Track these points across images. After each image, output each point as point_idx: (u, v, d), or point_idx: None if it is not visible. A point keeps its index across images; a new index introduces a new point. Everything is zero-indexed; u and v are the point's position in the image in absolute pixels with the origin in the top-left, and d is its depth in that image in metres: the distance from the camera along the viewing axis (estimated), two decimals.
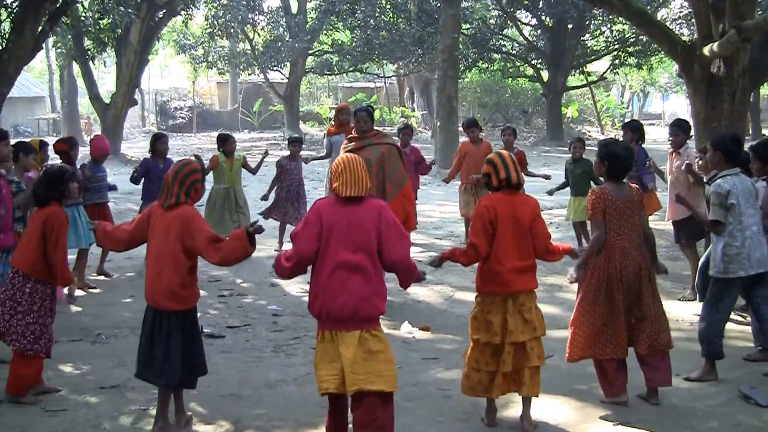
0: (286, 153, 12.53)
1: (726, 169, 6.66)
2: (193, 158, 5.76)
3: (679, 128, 9.38)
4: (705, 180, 8.13)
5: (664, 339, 6.05)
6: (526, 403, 5.70)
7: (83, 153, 13.10)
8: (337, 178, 5.14)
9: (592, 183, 10.86)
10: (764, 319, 6.90)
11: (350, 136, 9.12)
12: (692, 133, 10.24)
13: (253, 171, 12.29)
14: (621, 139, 9.98)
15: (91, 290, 10.10)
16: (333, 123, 12.54)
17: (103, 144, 10.67)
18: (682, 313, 8.74)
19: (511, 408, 6.06)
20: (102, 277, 10.76)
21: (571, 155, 11.66)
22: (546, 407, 6.06)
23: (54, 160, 9.32)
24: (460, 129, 18.36)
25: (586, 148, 11.75)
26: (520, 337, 5.57)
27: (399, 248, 5.17)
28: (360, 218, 5.07)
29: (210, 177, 11.19)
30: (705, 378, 6.64)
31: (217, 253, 5.38)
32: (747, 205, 6.57)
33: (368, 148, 8.72)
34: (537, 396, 5.72)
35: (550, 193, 12.03)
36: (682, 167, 9.03)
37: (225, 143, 11.78)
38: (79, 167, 9.88)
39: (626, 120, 19.80)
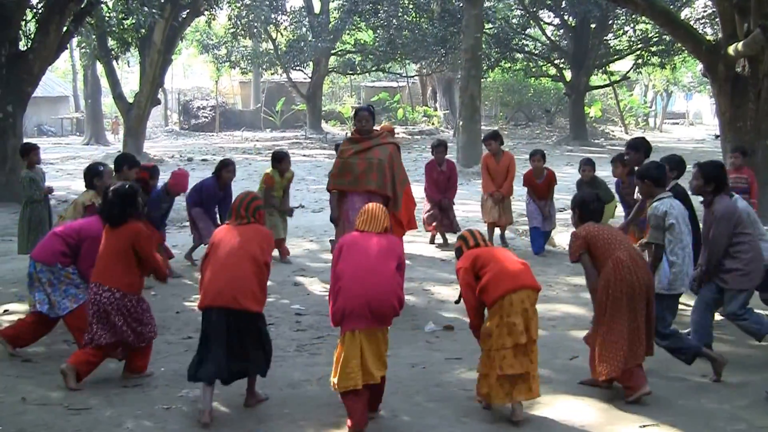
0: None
1: (658, 194, 6.85)
2: (252, 192, 6.31)
3: (630, 147, 8.79)
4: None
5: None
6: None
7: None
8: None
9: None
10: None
11: (352, 136, 9.04)
12: (718, 132, 10.05)
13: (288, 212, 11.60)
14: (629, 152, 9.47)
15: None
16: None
17: (183, 182, 10.33)
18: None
19: (535, 409, 6.03)
20: None
21: (581, 177, 11.28)
22: (571, 409, 6.04)
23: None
24: (484, 127, 18.38)
25: (611, 147, 11.69)
26: (534, 334, 5.73)
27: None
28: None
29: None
30: (718, 368, 6.60)
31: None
32: (684, 224, 6.77)
33: (377, 148, 8.72)
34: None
35: None
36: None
37: (281, 162, 11.13)
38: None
39: (649, 118, 19.88)
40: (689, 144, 35.61)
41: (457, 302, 6.19)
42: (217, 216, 10.90)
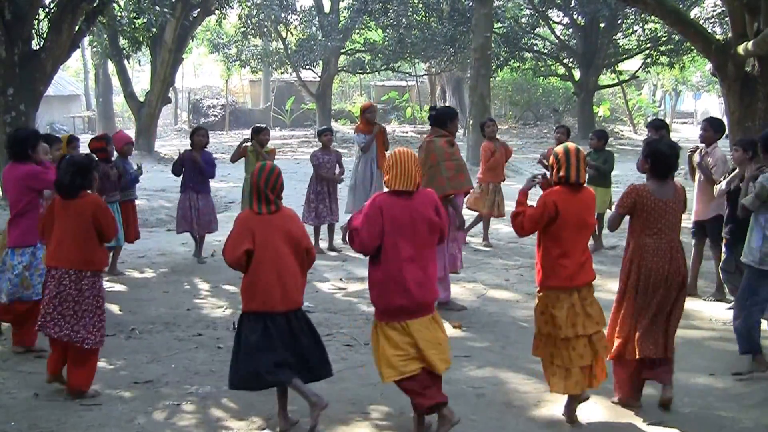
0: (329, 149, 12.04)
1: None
2: (270, 162, 5.88)
3: (710, 124, 9.22)
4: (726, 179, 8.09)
5: (673, 344, 6.06)
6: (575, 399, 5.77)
7: None
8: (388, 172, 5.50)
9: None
10: None
11: (448, 138, 8.72)
12: (727, 132, 10.09)
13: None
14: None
15: (120, 275, 10.31)
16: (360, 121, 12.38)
17: (123, 134, 10.81)
18: (715, 312, 8.69)
19: (542, 407, 6.05)
20: (135, 273, 10.84)
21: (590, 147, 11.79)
22: (578, 407, 5.99)
23: None
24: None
25: (619, 146, 11.75)
26: (587, 330, 5.62)
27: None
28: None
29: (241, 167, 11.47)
30: (756, 371, 6.58)
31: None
32: None
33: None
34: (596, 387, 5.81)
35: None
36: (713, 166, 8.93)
37: (259, 134, 11.40)
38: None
39: (649, 119, 19.91)
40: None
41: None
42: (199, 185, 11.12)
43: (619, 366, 6.06)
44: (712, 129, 9.12)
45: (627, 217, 6.04)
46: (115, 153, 10.12)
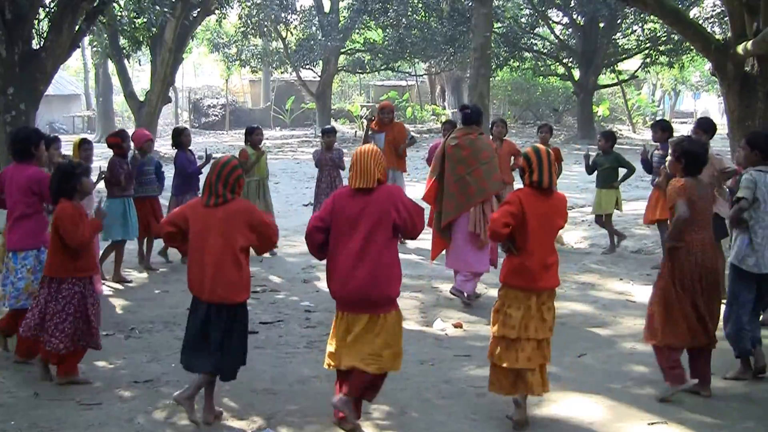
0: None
1: (759, 166, 6.68)
2: (229, 155, 5.89)
3: (699, 126, 9.27)
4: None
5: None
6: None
7: None
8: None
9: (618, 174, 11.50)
10: None
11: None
12: (726, 132, 10.10)
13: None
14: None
15: (127, 284, 10.17)
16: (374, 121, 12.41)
17: (142, 132, 10.93)
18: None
19: (543, 407, 6.06)
20: (134, 273, 10.85)
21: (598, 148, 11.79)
22: (579, 406, 6.06)
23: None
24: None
25: (618, 146, 11.74)
26: (538, 334, 5.60)
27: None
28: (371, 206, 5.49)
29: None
30: (741, 377, 6.61)
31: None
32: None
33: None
34: (540, 395, 5.79)
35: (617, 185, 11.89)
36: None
37: (252, 134, 11.73)
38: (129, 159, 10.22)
39: (657, 118, 19.96)
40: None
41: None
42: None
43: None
44: (702, 130, 9.15)
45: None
46: (132, 150, 10.30)
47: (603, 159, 11.71)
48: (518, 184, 5.92)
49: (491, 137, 12.39)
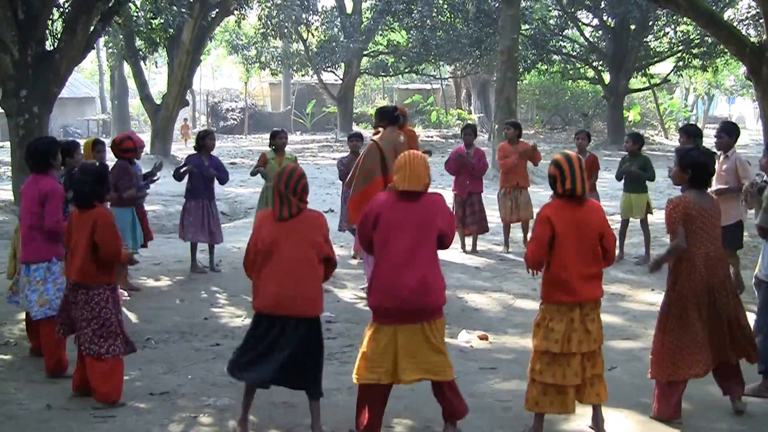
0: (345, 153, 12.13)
1: None
2: (294, 164, 5.82)
3: (723, 131, 9.22)
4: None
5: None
6: (597, 410, 5.65)
7: None
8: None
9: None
10: None
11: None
12: (761, 137, 9.80)
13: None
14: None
15: (134, 291, 9.90)
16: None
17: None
18: None
19: (572, 421, 5.90)
20: (150, 281, 10.69)
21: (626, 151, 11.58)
22: (609, 421, 5.87)
23: None
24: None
25: (649, 152, 11.35)
26: (582, 347, 5.46)
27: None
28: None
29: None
30: (762, 395, 6.33)
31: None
32: None
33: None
34: (605, 401, 5.66)
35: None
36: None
37: (276, 137, 11.45)
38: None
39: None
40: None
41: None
42: (215, 183, 11.06)
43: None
44: (726, 134, 9.13)
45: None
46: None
47: (631, 161, 11.40)
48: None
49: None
